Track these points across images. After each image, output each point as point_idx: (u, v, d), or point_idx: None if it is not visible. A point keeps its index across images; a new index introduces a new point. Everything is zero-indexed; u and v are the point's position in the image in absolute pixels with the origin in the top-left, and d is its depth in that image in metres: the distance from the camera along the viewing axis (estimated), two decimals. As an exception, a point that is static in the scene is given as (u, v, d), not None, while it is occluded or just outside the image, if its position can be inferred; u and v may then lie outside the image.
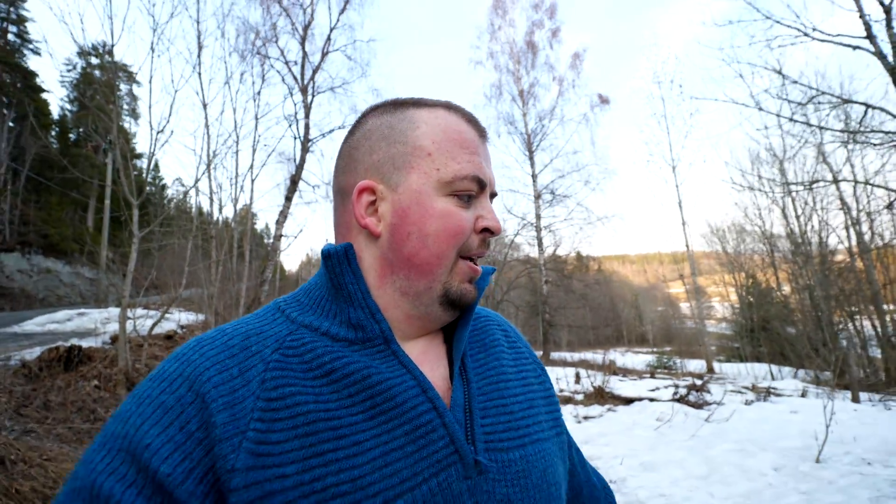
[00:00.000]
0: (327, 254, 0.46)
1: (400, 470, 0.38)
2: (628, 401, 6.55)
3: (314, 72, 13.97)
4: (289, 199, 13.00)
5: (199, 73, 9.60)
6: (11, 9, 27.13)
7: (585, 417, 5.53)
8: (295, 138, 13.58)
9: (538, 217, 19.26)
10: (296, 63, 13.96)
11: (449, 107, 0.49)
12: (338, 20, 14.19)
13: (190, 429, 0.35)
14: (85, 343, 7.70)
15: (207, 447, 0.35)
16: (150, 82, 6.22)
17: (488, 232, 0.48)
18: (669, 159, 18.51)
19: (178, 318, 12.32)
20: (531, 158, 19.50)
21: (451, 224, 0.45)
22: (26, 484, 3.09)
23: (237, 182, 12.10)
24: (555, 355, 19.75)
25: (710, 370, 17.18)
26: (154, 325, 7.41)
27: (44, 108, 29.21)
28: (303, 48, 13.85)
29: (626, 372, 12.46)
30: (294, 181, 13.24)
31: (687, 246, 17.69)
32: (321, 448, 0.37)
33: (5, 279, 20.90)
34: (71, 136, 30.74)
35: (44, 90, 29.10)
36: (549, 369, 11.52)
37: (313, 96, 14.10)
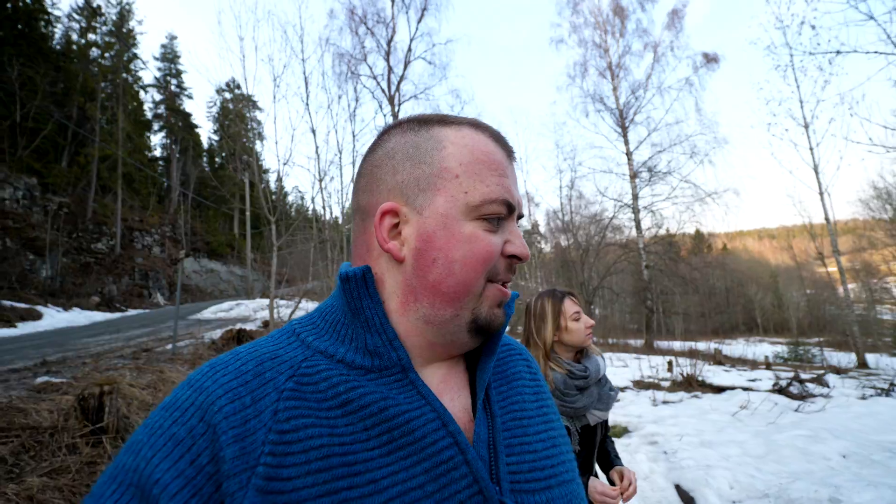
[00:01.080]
0: (345, 276, 0.44)
1: None
2: (719, 389, 6.39)
3: (398, 82, 15.28)
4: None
5: (308, 105, 11.39)
6: (171, 65, 34.13)
7: (664, 402, 5.65)
8: (389, 148, 15.10)
9: (635, 198, 18.05)
10: (382, 76, 15.40)
11: (476, 125, 0.47)
12: (416, 29, 15.26)
13: (201, 462, 0.33)
14: (246, 326, 10.02)
15: (217, 482, 0.33)
16: (275, 122, 7.91)
17: (515, 258, 0.46)
18: (801, 118, 15.78)
19: (307, 306, 14.87)
20: (624, 135, 18.29)
21: (478, 249, 0.43)
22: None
23: (342, 192, 13.96)
24: (662, 344, 18.58)
25: (862, 364, 14.61)
26: (291, 312, 9.32)
27: (197, 141, 36.32)
28: (387, 62, 15.23)
29: (736, 362, 11.48)
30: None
31: (827, 218, 14.96)
32: (336, 486, 0.34)
33: (186, 278, 26.90)
34: (217, 160, 37.48)
35: (197, 126, 36.19)
36: (645, 357, 11.24)
37: (399, 105, 15.46)
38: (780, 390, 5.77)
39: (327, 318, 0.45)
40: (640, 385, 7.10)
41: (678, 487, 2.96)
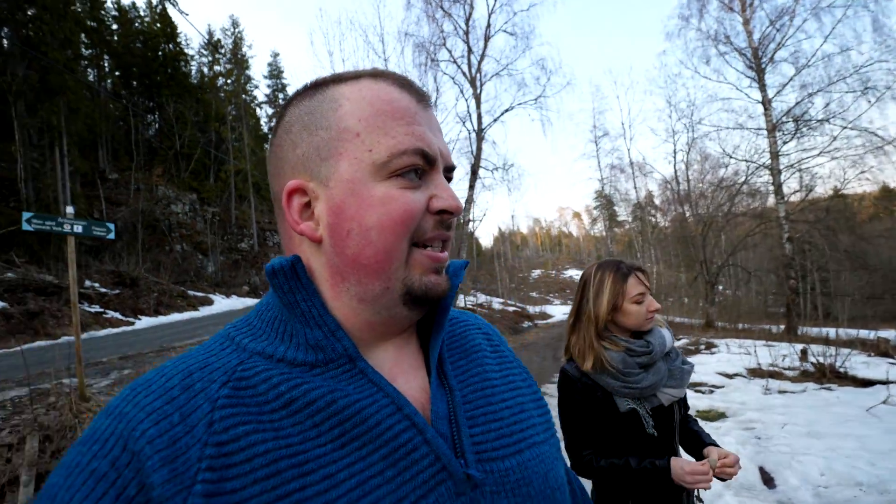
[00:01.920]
0: (272, 270, 0.39)
1: (382, 497, 0.34)
2: (865, 383, 5.20)
3: (479, 61, 14.85)
4: (471, 187, 14.57)
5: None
6: (277, 81, 38.62)
7: (780, 391, 4.83)
8: (470, 132, 14.94)
9: (775, 156, 14.32)
10: (462, 58, 15.13)
11: (375, 74, 0.42)
12: (496, 0, 14.60)
13: (129, 494, 0.30)
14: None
15: None
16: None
17: (446, 213, 0.41)
18: None
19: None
20: (760, 80, 14.24)
21: (394, 210, 0.38)
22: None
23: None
24: (812, 331, 15.30)
25: None
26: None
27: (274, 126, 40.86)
28: (466, 42, 14.95)
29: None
30: (474, 171, 14.69)
31: None
32: (286, 489, 0.32)
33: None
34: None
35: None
36: (779, 345, 9.58)
37: (482, 85, 15.13)
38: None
39: (263, 316, 0.42)
40: (756, 373, 6.15)
41: (762, 469, 2.64)
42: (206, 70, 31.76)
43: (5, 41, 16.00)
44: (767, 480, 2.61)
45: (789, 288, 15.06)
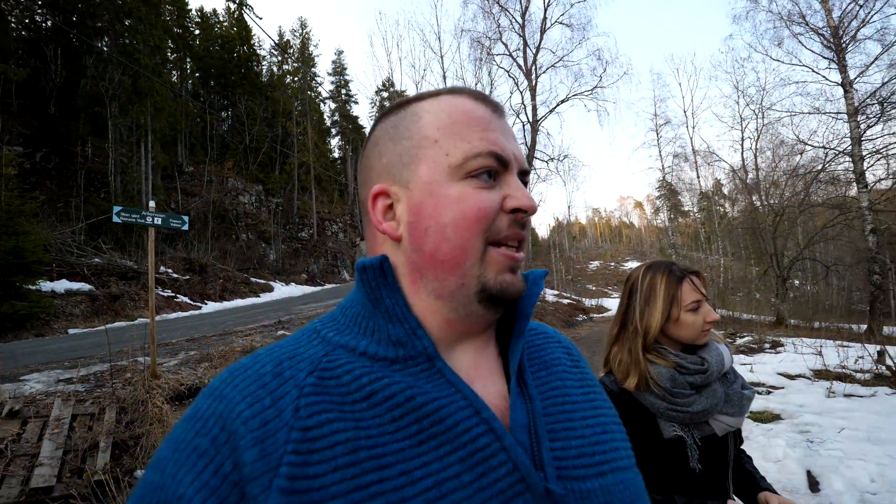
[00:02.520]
0: (362, 267, 0.42)
1: (458, 501, 0.34)
2: (949, 388, 4.85)
3: (535, 53, 14.93)
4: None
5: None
6: (340, 77, 40.31)
7: (846, 395, 4.64)
8: (524, 124, 14.96)
9: (856, 142, 13.42)
10: (518, 51, 15.27)
11: (453, 91, 0.46)
12: (552, -8, 14.45)
13: (224, 471, 0.33)
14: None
15: (242, 489, 0.32)
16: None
17: (520, 212, 0.42)
18: None
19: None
20: (840, 61, 13.35)
21: (469, 208, 0.40)
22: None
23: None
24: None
25: None
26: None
27: (364, 139, 42.23)
28: (522, 35, 15.01)
29: None
30: (528, 162, 14.79)
31: None
32: (365, 479, 0.33)
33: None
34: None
35: (363, 128, 42.25)
36: (856, 345, 8.91)
37: (537, 78, 15.15)
38: None
39: (347, 312, 0.44)
40: (822, 375, 5.87)
41: (809, 473, 2.68)
42: (275, 69, 33.94)
43: (105, 49, 18.09)
44: (812, 484, 2.64)
45: (872, 284, 13.82)
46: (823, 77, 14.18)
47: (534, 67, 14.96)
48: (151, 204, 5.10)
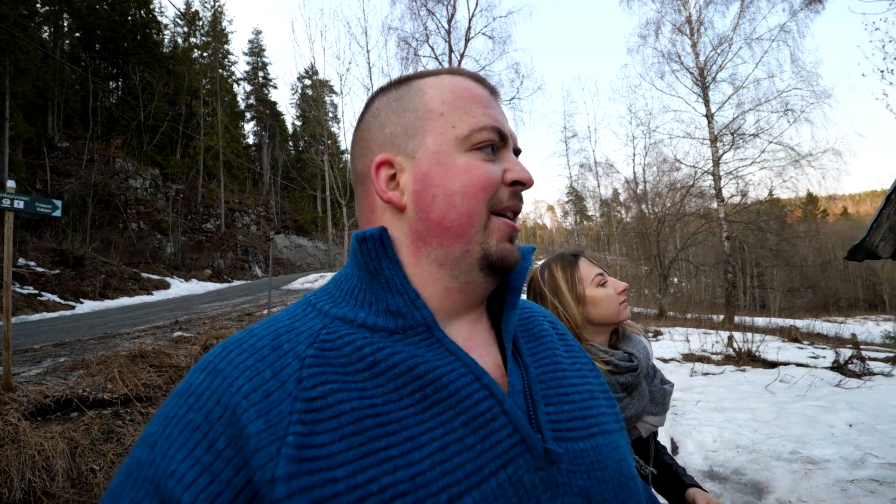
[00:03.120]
0: (363, 237, 0.42)
1: (462, 464, 0.35)
2: (772, 364, 6.29)
3: (459, 61, 15.46)
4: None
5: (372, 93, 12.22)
6: (258, 59, 37.49)
7: (704, 374, 5.77)
8: (449, 126, 15.55)
9: (716, 163, 16.58)
10: (444, 55, 15.71)
11: (453, 71, 0.48)
12: (476, 4, 15.21)
13: (218, 447, 0.32)
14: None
15: (238, 465, 0.32)
16: (343, 116, 8.80)
17: (519, 184, 0.45)
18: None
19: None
20: (705, 96, 16.64)
21: (476, 177, 0.42)
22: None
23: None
24: (747, 320, 17.25)
25: None
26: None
27: (283, 127, 39.88)
28: (448, 41, 15.48)
29: (818, 339, 10.61)
30: (451, 163, 15.36)
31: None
32: (372, 446, 0.33)
33: (278, 253, 30.44)
34: (300, 144, 40.93)
35: (282, 114, 39.68)
36: (715, 332, 10.85)
37: (461, 83, 15.69)
38: (837, 367, 5.56)
39: (342, 285, 0.44)
40: (689, 358, 7.15)
41: (672, 439, 3.37)
42: (180, 41, 30.08)
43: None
44: (674, 449, 3.25)
45: (727, 281, 16.94)
46: (693, 108, 17.17)
47: (459, 73, 15.50)
48: (10, 183, 4.22)
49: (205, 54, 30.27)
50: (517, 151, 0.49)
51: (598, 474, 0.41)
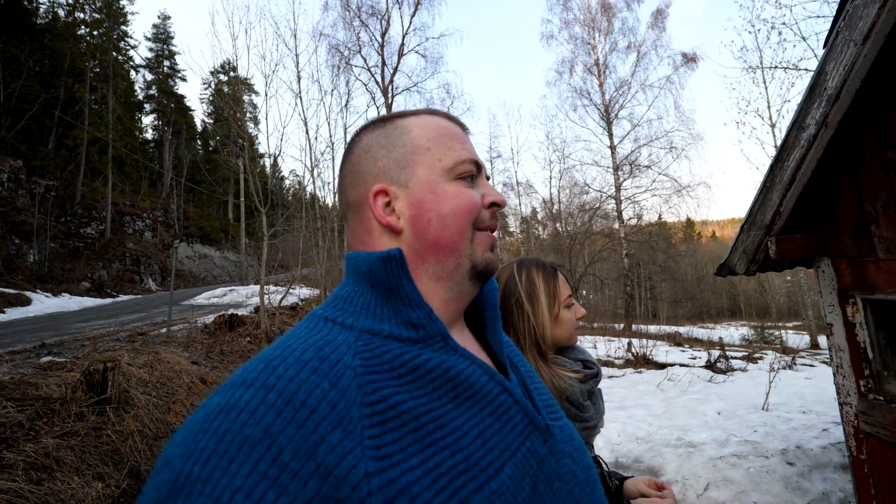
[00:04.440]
0: (387, 257, 0.47)
1: (497, 444, 0.43)
2: (662, 366, 7.25)
3: (392, 74, 15.59)
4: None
5: (300, 97, 11.83)
6: (164, 46, 33.92)
7: (609, 377, 6.47)
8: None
9: (618, 189, 18.91)
10: (377, 68, 15.71)
11: (431, 112, 0.55)
12: (410, 23, 15.55)
13: (283, 460, 0.33)
14: (238, 312, 10.64)
15: (306, 477, 0.33)
16: (266, 119, 8.41)
17: (496, 206, 0.54)
18: (767, 118, 16.55)
19: (299, 292, 15.47)
20: (609, 130, 18.99)
21: (464, 201, 0.50)
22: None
23: (334, 182, 14.48)
24: (642, 328, 19.58)
25: (815, 345, 15.74)
26: (281, 299, 9.94)
27: (191, 123, 36.25)
28: (381, 55, 15.53)
29: (695, 343, 12.44)
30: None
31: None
32: (432, 438, 0.39)
33: (179, 264, 27.30)
34: (210, 143, 37.50)
35: (190, 109, 36.10)
36: (617, 340, 12.12)
37: (393, 97, 15.82)
38: (709, 366, 6.62)
39: (355, 301, 0.48)
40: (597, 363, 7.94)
41: (582, 437, 3.76)
42: (62, 13, 25.68)
43: None
44: None
45: (626, 294, 19.16)
46: (600, 139, 19.46)
47: (390, 87, 15.62)
48: None
49: (95, 33, 26.50)
50: (488, 178, 0.57)
51: (575, 444, 0.53)
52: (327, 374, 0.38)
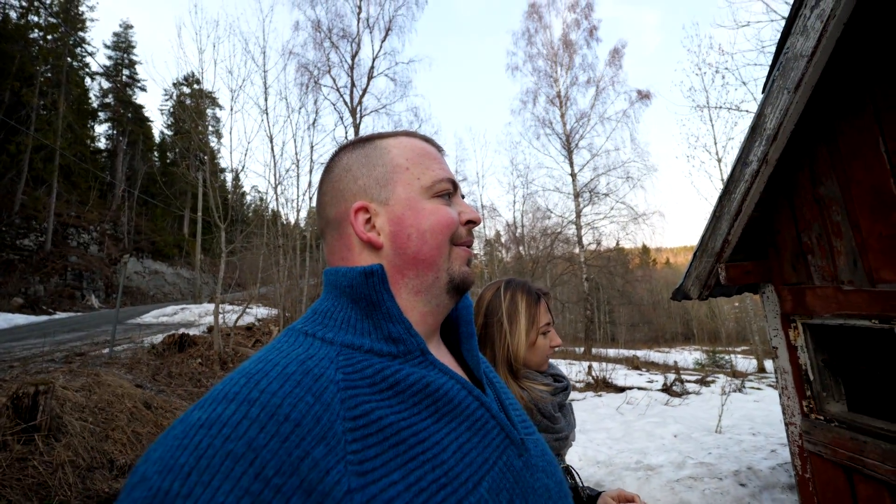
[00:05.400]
0: (370, 272, 0.48)
1: (475, 458, 0.43)
2: (620, 389, 7.40)
3: (361, 96, 15.76)
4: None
5: (267, 114, 11.64)
6: (124, 55, 32.70)
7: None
8: (345, 157, 15.50)
9: (578, 215, 19.70)
10: (346, 88, 15.85)
11: (409, 133, 0.57)
12: (380, 48, 15.88)
13: (266, 475, 0.32)
14: (189, 332, 10.01)
15: (289, 492, 0.32)
16: (231, 133, 8.20)
17: (471, 223, 0.56)
18: (714, 153, 17.97)
19: (256, 312, 14.80)
20: (570, 158, 19.95)
21: (442, 218, 0.51)
22: (165, 422, 4.86)
23: (298, 200, 14.18)
24: (602, 351, 20.08)
25: (761, 369, 16.69)
26: (237, 319, 9.45)
27: (149, 134, 34.77)
28: (350, 76, 15.70)
29: (651, 367, 12.85)
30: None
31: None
32: (413, 452, 0.39)
33: (126, 280, 25.55)
34: (168, 156, 36.01)
35: (149, 120, 34.64)
36: (577, 363, 12.32)
37: (361, 118, 15.93)
38: (665, 389, 6.82)
39: (335, 316, 0.48)
40: (558, 386, 8.01)
41: (547, 461, 3.73)
42: (13, 14, 24.31)
43: None
44: None
45: (586, 317, 19.65)
46: (561, 167, 20.37)
47: (359, 108, 15.75)
48: None
49: (49, 37, 25.23)
50: (463, 196, 0.60)
51: (547, 458, 0.55)
52: (311, 387, 0.38)
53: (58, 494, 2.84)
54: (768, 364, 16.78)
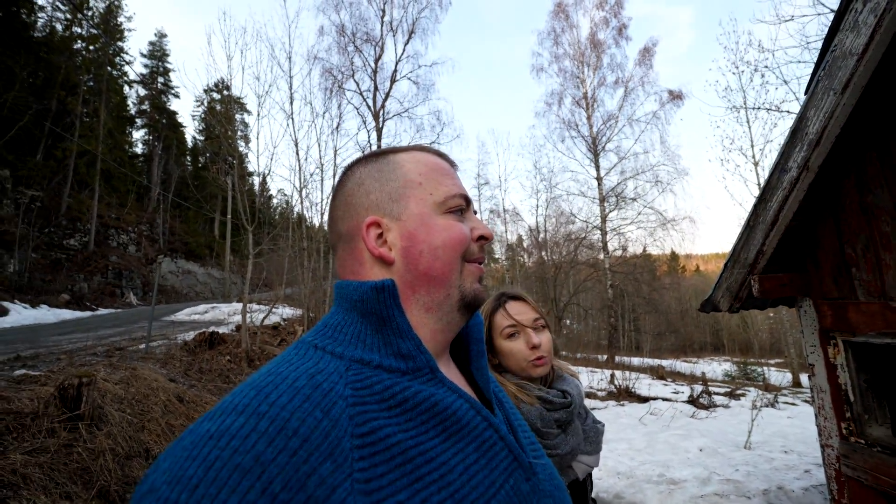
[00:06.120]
0: (381, 287, 0.47)
1: (482, 480, 0.43)
2: (644, 399, 7.20)
3: (384, 99, 15.94)
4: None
5: (292, 118, 11.95)
6: (159, 63, 34.29)
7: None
8: (369, 161, 15.77)
9: (603, 220, 19.18)
10: (369, 93, 16.07)
11: (422, 148, 0.57)
12: (403, 51, 16.02)
13: (273, 490, 0.32)
14: (219, 330, 10.36)
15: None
16: (258, 138, 8.49)
17: (483, 239, 0.55)
18: (751, 156, 17.21)
19: (282, 312, 15.18)
20: (596, 162, 19.38)
21: (454, 234, 0.51)
22: (195, 415, 5.03)
23: (322, 203, 14.48)
24: (625, 360, 19.55)
25: (797, 383, 15.88)
26: (264, 318, 9.71)
27: (182, 139, 36.27)
28: (374, 80, 15.90)
29: (678, 377, 12.44)
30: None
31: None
32: (420, 472, 0.39)
33: (161, 279, 26.66)
34: (200, 160, 37.42)
35: (182, 125, 36.16)
36: (600, 371, 12.05)
37: (384, 121, 16.12)
38: (692, 401, 6.59)
39: (345, 330, 0.47)
40: (580, 395, 7.86)
41: (564, 471, 3.68)
42: (59, 27, 25.96)
43: None
44: None
45: (610, 325, 19.15)
46: (587, 171, 19.88)
47: (382, 111, 15.94)
48: None
49: (91, 48, 26.73)
50: (475, 212, 0.59)
51: (555, 482, 0.53)
52: (320, 402, 0.38)
53: (99, 479, 2.99)
54: (804, 378, 15.92)
